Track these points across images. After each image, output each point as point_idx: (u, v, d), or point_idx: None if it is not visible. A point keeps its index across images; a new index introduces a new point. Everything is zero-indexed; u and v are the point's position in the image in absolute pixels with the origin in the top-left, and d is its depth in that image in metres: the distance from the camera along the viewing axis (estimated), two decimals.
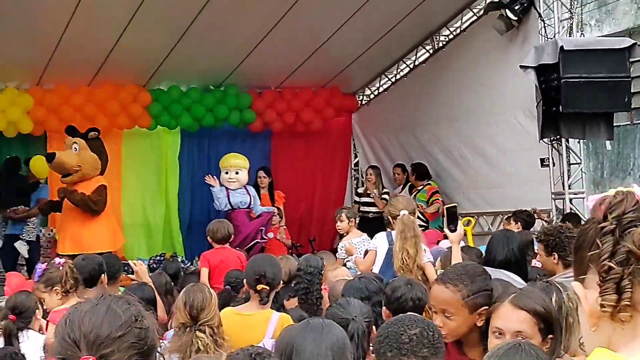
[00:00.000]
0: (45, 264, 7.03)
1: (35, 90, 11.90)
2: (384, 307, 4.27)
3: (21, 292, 5.77)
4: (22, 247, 10.77)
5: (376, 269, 6.53)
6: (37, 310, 5.54)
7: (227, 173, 11.87)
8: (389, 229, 7.19)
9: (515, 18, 10.69)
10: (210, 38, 11.24)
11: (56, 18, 10.34)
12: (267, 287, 4.85)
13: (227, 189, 11.75)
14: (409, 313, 3.67)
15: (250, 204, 11.76)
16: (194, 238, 13.23)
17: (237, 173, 11.85)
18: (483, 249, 7.32)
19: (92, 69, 11.83)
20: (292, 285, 5.94)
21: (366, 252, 7.17)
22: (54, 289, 5.55)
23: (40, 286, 5.70)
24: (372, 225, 10.81)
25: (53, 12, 10.25)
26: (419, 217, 9.91)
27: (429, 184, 12.44)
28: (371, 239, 7.65)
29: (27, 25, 10.32)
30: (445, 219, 6.33)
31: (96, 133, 10.64)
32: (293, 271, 6.05)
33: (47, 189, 11.77)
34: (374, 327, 3.76)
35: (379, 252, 6.78)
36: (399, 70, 13.37)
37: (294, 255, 9.24)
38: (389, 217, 7.10)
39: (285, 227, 12.44)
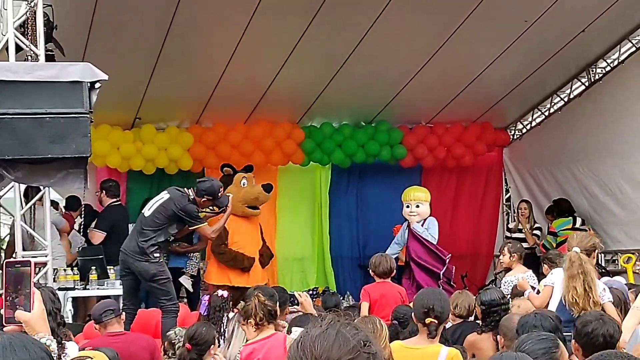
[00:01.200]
0: (209, 296, 7.27)
1: (194, 129, 12.38)
2: (573, 340, 4.21)
3: (203, 324, 5.93)
4: (186, 281, 11.12)
5: (553, 306, 6.40)
6: (212, 345, 5.68)
7: (408, 207, 11.66)
8: None
9: None
10: (362, 75, 11.41)
11: (215, 61, 10.79)
12: (436, 321, 4.85)
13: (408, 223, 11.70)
14: (613, 350, 3.56)
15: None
16: (344, 272, 13.36)
17: (417, 206, 11.49)
18: None
19: (249, 108, 12.21)
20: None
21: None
22: (249, 321, 5.62)
23: (240, 319, 5.83)
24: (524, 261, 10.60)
25: (212, 56, 10.71)
26: None
27: (552, 222, 12.40)
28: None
29: (188, 68, 10.81)
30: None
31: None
32: (472, 306, 6.03)
33: None
34: None
35: (556, 289, 6.63)
36: (552, 103, 13.15)
37: None
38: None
39: None
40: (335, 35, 10.54)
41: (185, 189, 8.75)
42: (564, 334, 4.66)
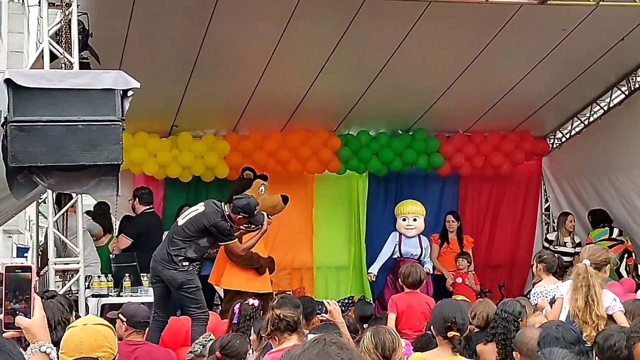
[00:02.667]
0: (239, 304, 7.27)
1: (231, 137, 12.42)
2: (595, 357, 4.13)
3: (238, 336, 5.90)
4: (220, 289, 11.14)
5: (562, 318, 6.31)
6: (243, 359, 5.65)
7: (404, 220, 11.65)
8: None
9: None
10: (399, 83, 11.34)
11: (251, 69, 10.79)
12: (458, 334, 4.78)
13: (400, 235, 11.64)
14: None
15: (420, 255, 11.59)
16: (380, 282, 13.27)
17: (415, 220, 11.61)
18: None
19: (285, 116, 12.21)
20: (489, 329, 5.86)
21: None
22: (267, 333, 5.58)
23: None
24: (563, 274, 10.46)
25: (248, 64, 10.71)
26: None
27: (588, 234, 12.21)
28: None
29: (224, 77, 10.83)
30: None
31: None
32: (491, 316, 5.98)
33: None
34: None
35: (565, 301, 6.54)
36: (592, 112, 12.98)
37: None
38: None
39: (473, 272, 12.27)
40: (371, 43, 10.49)
41: (222, 204, 8.75)
42: None
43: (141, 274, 9.33)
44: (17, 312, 2.60)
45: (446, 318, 4.83)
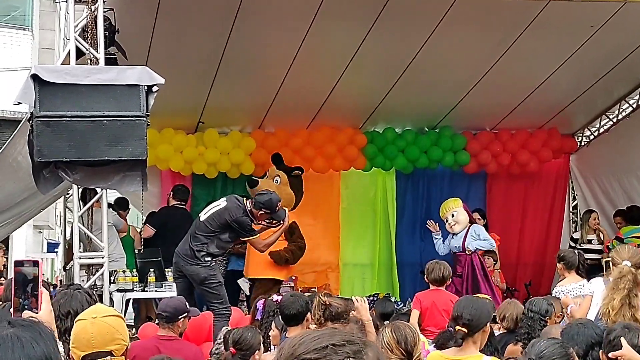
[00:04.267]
0: (263, 300, 7.28)
1: (257, 134, 12.44)
2: (601, 351, 4.11)
3: (249, 328, 5.92)
4: (244, 284, 11.16)
5: (591, 316, 6.23)
6: (257, 351, 5.68)
7: (447, 221, 11.66)
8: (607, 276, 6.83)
9: None
10: (426, 80, 11.30)
11: (277, 66, 10.80)
12: (464, 329, 4.71)
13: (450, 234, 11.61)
14: None
15: (463, 247, 11.53)
16: (408, 279, 13.24)
17: (453, 215, 11.55)
18: None
19: (311, 113, 12.21)
20: (518, 329, 5.85)
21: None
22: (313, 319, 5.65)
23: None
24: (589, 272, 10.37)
25: (274, 61, 10.72)
26: None
27: (619, 227, 12.14)
28: None
29: (251, 74, 10.86)
30: None
31: (299, 172, 11.05)
32: (519, 317, 5.94)
33: None
34: None
35: (595, 298, 6.45)
36: (621, 110, 12.86)
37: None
38: (611, 264, 6.73)
39: (500, 270, 12.19)
40: (397, 40, 10.45)
41: (244, 199, 8.77)
42: None
43: (166, 269, 9.36)
44: (26, 308, 2.61)
45: (454, 312, 4.80)
